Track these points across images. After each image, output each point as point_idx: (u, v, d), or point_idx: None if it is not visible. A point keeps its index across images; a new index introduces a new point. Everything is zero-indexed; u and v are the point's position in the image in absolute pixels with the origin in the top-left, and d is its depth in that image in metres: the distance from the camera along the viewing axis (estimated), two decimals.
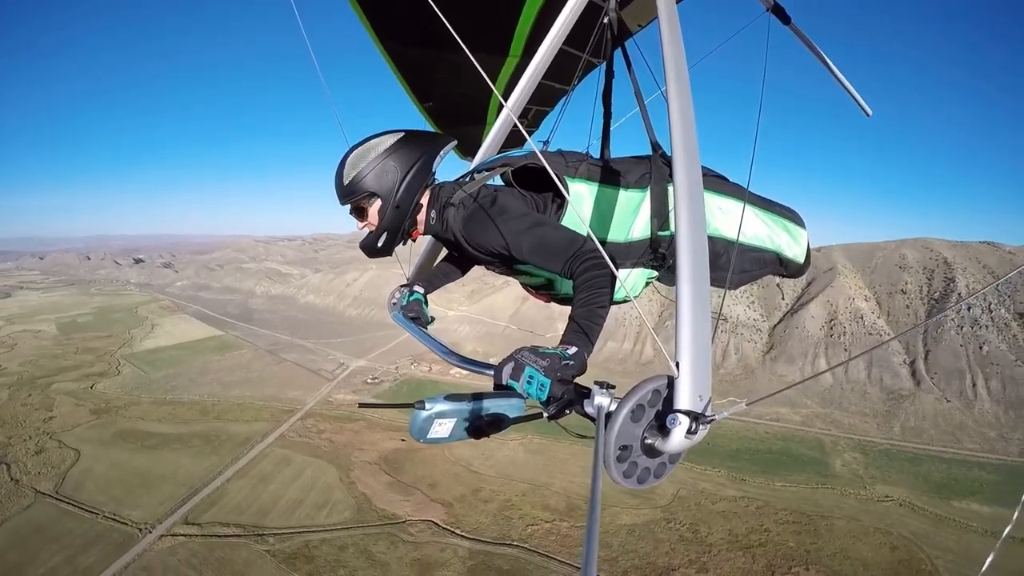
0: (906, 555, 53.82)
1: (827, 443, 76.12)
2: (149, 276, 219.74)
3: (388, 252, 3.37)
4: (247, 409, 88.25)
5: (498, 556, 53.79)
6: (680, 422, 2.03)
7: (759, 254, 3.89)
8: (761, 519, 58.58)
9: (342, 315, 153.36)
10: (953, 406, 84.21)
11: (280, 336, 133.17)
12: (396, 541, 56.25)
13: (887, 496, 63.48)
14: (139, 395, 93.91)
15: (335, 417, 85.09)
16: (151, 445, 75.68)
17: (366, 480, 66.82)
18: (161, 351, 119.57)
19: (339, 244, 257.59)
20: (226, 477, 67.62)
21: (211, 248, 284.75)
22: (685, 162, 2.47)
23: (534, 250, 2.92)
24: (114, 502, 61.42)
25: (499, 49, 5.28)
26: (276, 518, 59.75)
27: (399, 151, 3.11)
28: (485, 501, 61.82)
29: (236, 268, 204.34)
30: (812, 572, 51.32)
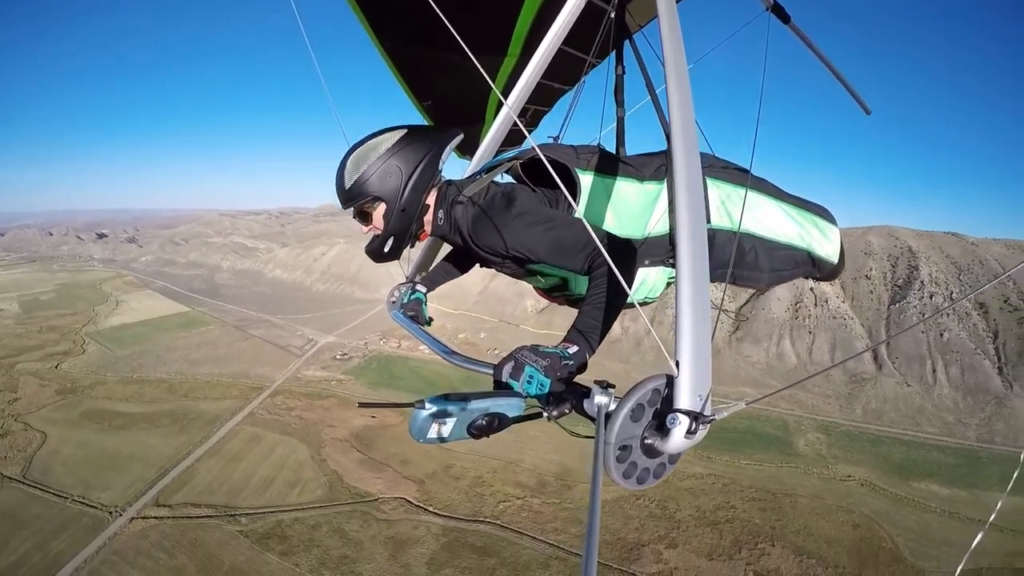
0: (867, 533, 55.56)
1: (791, 423, 77.76)
2: (113, 251, 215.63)
3: (395, 257, 3.29)
4: (215, 387, 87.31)
5: (471, 533, 54.26)
6: (680, 422, 2.02)
7: (790, 252, 3.75)
8: (728, 496, 59.95)
9: (310, 290, 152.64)
10: (913, 390, 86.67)
11: (247, 312, 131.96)
12: (369, 519, 56.33)
13: (849, 476, 65.33)
14: (105, 374, 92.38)
15: (305, 394, 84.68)
16: (119, 425, 74.47)
17: (337, 458, 66.71)
18: (127, 328, 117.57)
19: (306, 218, 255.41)
20: (196, 456, 66.91)
21: (176, 222, 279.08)
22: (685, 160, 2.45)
23: (551, 250, 2.85)
24: (83, 485, 60.42)
25: (498, 48, 5.23)
26: (248, 497, 59.37)
27: (402, 150, 2.98)
28: (456, 478, 62.12)
29: (202, 243, 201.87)
30: (778, 548, 52.77)
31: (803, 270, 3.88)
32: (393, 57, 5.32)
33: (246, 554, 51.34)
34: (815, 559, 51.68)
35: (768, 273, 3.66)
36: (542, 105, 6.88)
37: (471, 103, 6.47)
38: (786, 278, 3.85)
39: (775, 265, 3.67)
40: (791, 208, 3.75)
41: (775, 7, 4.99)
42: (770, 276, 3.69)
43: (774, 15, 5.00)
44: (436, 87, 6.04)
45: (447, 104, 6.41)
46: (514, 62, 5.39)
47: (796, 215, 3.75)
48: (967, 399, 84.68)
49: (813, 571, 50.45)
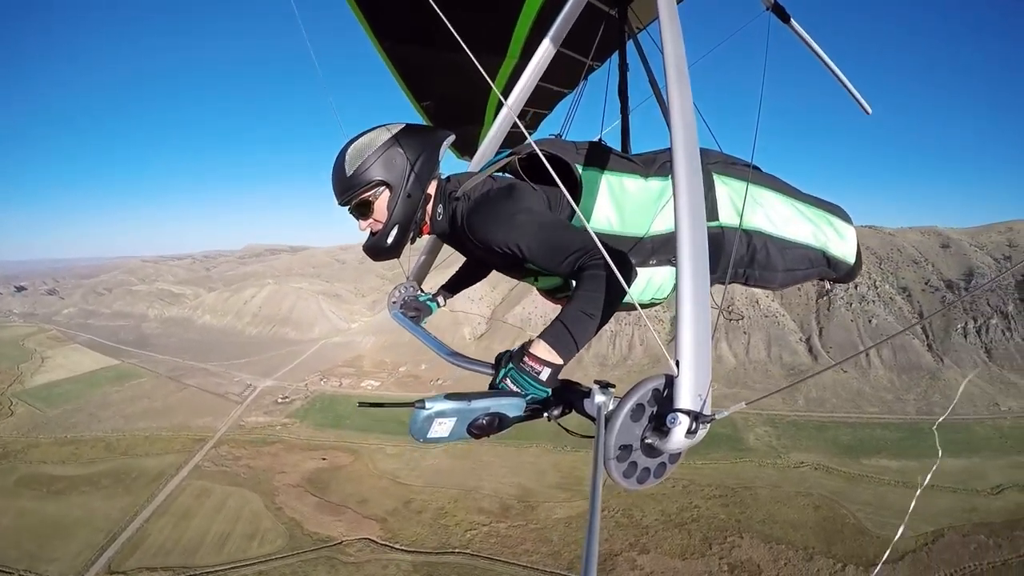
0: (829, 513, 57.99)
1: (738, 420, 79.59)
2: (33, 305, 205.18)
3: (397, 252, 3.17)
4: (155, 441, 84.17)
5: (442, 565, 53.87)
6: (680, 421, 1.98)
7: (804, 251, 3.65)
8: (689, 497, 61.24)
9: (242, 334, 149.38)
10: (850, 376, 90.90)
11: (180, 361, 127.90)
12: (336, 564, 55.29)
13: (802, 462, 67.95)
14: (37, 436, 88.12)
15: (250, 442, 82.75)
16: (58, 490, 71.05)
17: (293, 504, 65.22)
18: (55, 386, 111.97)
19: (231, 260, 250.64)
20: (144, 517, 64.24)
21: (97, 271, 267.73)
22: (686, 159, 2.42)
23: (538, 248, 2.78)
24: (28, 557, 57.48)
25: (498, 49, 5.21)
26: (205, 555, 57.55)
27: (404, 139, 2.96)
28: (418, 512, 61.60)
29: (126, 291, 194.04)
30: (746, 539, 54.52)
31: (818, 270, 3.83)
32: (392, 57, 5.35)
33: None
34: (784, 544, 53.63)
35: (782, 273, 3.60)
36: (542, 108, 6.92)
37: (471, 104, 6.48)
38: (800, 278, 3.80)
39: (788, 264, 3.61)
40: (804, 206, 3.71)
41: (775, 6, 5.02)
42: (784, 276, 3.63)
43: (774, 14, 5.04)
44: (436, 87, 6.05)
45: (447, 105, 6.41)
46: (514, 63, 5.39)
47: (810, 213, 3.71)
48: (902, 377, 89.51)
49: (784, 555, 52.33)
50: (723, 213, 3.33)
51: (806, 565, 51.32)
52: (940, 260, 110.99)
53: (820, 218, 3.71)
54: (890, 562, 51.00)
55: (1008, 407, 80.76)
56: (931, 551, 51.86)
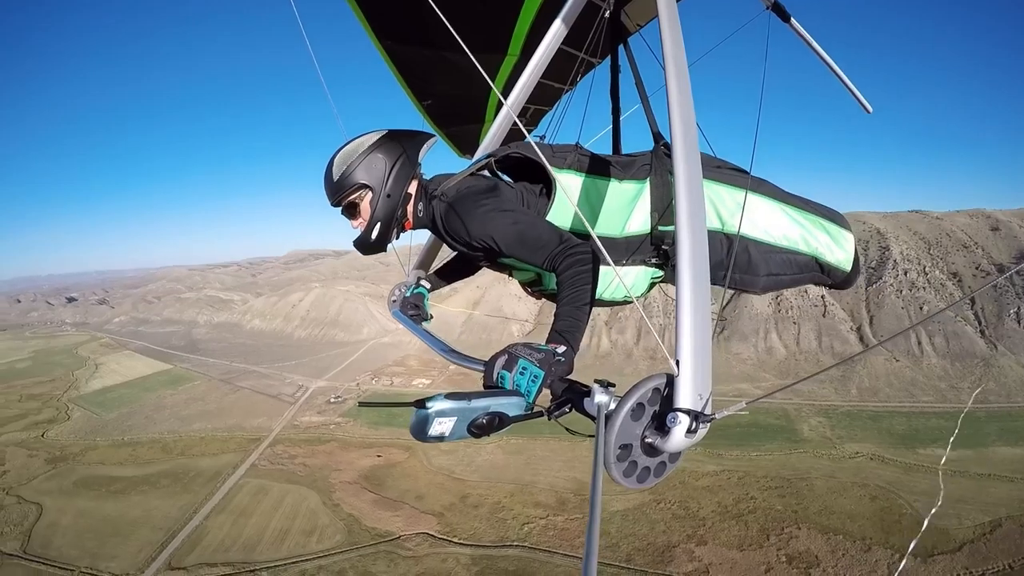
0: (886, 503, 57.06)
1: (791, 411, 79.36)
2: (85, 314, 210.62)
3: (382, 246, 3.31)
4: (211, 442, 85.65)
5: (500, 558, 54.01)
6: (680, 421, 2.04)
7: (790, 256, 3.60)
8: (745, 488, 60.90)
9: (291, 337, 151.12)
10: (903, 365, 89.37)
11: (232, 364, 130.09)
12: (395, 558, 55.67)
13: (857, 452, 66.99)
14: (95, 439, 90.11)
15: (305, 440, 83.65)
16: (117, 490, 72.40)
17: (350, 500, 65.72)
18: (110, 391, 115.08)
19: (276, 266, 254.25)
20: (203, 515, 65.26)
21: (145, 281, 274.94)
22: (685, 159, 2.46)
23: (514, 244, 2.89)
24: (89, 555, 58.55)
25: (498, 48, 5.26)
26: (265, 551, 58.14)
27: (384, 145, 3.15)
28: (475, 506, 61.75)
29: (175, 299, 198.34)
30: (804, 530, 53.91)
31: (809, 276, 3.76)
32: (393, 57, 5.40)
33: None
34: (842, 535, 52.90)
35: (764, 277, 3.55)
36: (543, 104, 6.86)
37: (471, 102, 6.55)
38: (787, 283, 3.72)
39: (772, 269, 3.57)
40: (794, 210, 3.65)
41: (775, 6, 5.01)
42: (766, 280, 3.58)
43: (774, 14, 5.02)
44: (436, 87, 6.11)
45: (447, 103, 6.49)
46: (514, 61, 5.45)
47: (800, 218, 3.65)
48: (955, 365, 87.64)
49: (842, 546, 51.62)
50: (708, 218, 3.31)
51: (864, 556, 50.58)
52: (990, 243, 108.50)
53: (813, 223, 3.68)
54: (948, 552, 49.97)
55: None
56: (989, 541, 50.98)
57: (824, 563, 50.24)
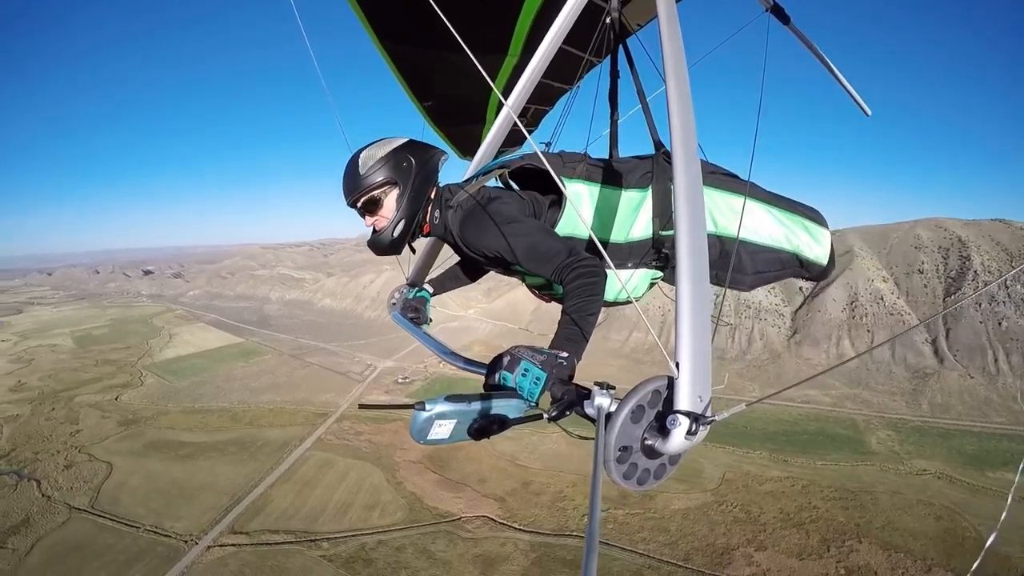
0: (950, 524, 55.38)
1: (860, 422, 77.62)
2: (160, 287, 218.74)
3: (399, 248, 3.38)
4: (279, 414, 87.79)
5: (559, 547, 54.19)
6: (680, 423, 2.06)
7: (776, 255, 3.79)
8: (808, 497, 59.85)
9: (361, 317, 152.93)
10: (977, 382, 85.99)
11: (302, 340, 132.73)
12: (454, 538, 56.30)
13: (924, 470, 65.07)
14: (166, 405, 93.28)
15: (371, 418, 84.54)
16: (185, 455, 74.94)
17: (413, 479, 66.47)
18: (183, 360, 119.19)
19: (348, 248, 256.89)
20: (268, 483, 66.78)
21: (219, 257, 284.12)
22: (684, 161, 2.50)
23: (525, 255, 2.97)
24: (154, 515, 60.42)
25: (498, 48, 5.25)
26: (327, 522, 59.17)
27: (411, 147, 3.26)
28: (537, 494, 62.02)
29: (248, 275, 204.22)
30: (865, 544, 52.78)
31: (790, 271, 3.92)
32: (394, 57, 5.40)
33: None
34: (903, 553, 51.60)
35: (751, 276, 3.73)
36: (543, 104, 6.93)
37: (472, 103, 6.54)
38: (770, 279, 3.91)
39: (758, 268, 3.75)
40: (778, 211, 3.82)
41: (775, 8, 5.04)
42: (753, 279, 3.77)
43: (774, 16, 5.05)
44: (437, 87, 6.11)
45: (448, 104, 6.48)
46: (515, 62, 5.44)
47: (784, 218, 3.82)
48: None
49: (903, 564, 50.30)
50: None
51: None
52: None
53: (795, 223, 3.85)
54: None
55: None
56: None
57: None
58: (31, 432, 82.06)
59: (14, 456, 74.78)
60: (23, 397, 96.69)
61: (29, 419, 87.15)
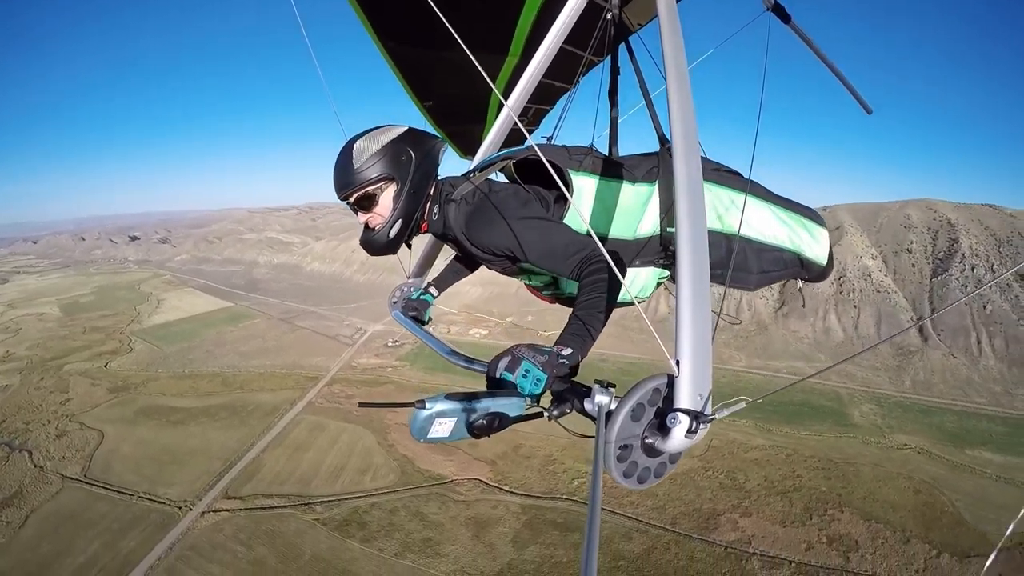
0: (928, 498, 56.94)
1: (844, 395, 78.94)
2: (147, 252, 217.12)
3: (396, 248, 3.25)
4: (270, 378, 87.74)
5: (549, 510, 55.02)
6: (680, 421, 2.05)
7: (779, 254, 3.76)
8: (792, 466, 61.07)
9: (350, 281, 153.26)
10: (960, 362, 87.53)
11: (291, 304, 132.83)
12: (447, 501, 56.88)
13: (905, 444, 66.46)
14: (156, 370, 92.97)
15: (362, 382, 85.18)
16: (176, 420, 74.71)
17: (405, 442, 66.51)
18: (171, 325, 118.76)
19: (336, 212, 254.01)
20: (261, 448, 66.91)
21: (207, 222, 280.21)
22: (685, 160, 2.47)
23: (541, 252, 2.89)
24: (147, 481, 60.29)
25: (499, 48, 5.22)
26: (320, 486, 59.52)
27: (409, 138, 3.08)
28: (527, 457, 62.55)
29: (236, 239, 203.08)
30: (846, 514, 54.20)
31: (792, 271, 3.91)
32: (394, 57, 5.36)
33: (326, 542, 51.44)
34: (883, 523, 53.08)
35: (756, 275, 3.68)
36: (544, 104, 6.88)
37: (473, 103, 6.47)
38: (774, 279, 3.86)
39: (764, 267, 3.70)
40: (781, 211, 3.80)
41: (775, 7, 4.98)
42: (758, 278, 3.71)
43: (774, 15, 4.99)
44: (438, 87, 6.06)
45: (449, 104, 6.42)
46: (516, 62, 5.42)
47: (786, 217, 3.80)
48: (1013, 370, 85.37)
49: (882, 535, 51.77)
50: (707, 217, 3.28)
51: (903, 547, 50.64)
52: None
53: (795, 222, 3.84)
54: (984, 555, 49.58)
55: None
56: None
57: (863, 548, 50.50)
58: (21, 402, 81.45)
59: (5, 427, 74.23)
60: (12, 367, 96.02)
61: (18, 389, 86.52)
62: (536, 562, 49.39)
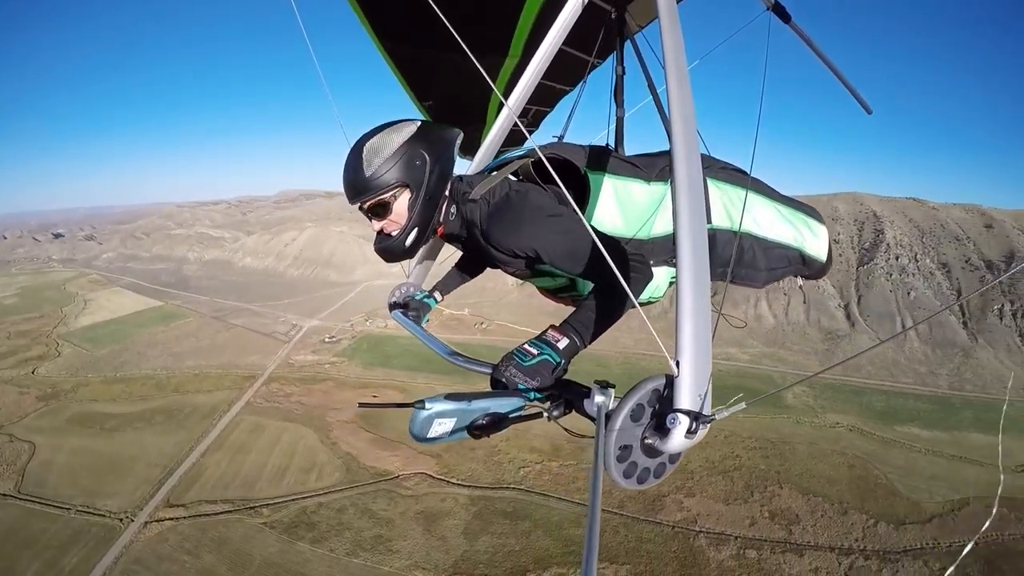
0: (862, 472, 60.01)
1: (776, 378, 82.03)
2: (72, 251, 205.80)
3: (413, 253, 3.14)
4: (205, 379, 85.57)
5: (498, 500, 55.40)
6: (680, 422, 2.01)
7: (784, 251, 3.77)
8: (731, 447, 63.07)
9: (284, 276, 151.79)
10: (886, 346, 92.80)
11: (223, 302, 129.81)
12: (395, 496, 56.59)
13: (837, 423, 69.72)
14: (86, 375, 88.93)
15: (300, 379, 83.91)
16: (111, 427, 71.66)
17: (348, 439, 66.20)
18: (100, 327, 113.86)
19: (267, 205, 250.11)
20: (200, 452, 64.99)
21: (134, 217, 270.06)
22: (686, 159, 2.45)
23: (563, 252, 2.81)
24: (85, 493, 57.63)
25: (499, 49, 5.19)
26: (264, 488, 58.25)
27: (423, 138, 2.90)
28: (471, 449, 62.36)
29: (164, 235, 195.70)
30: (785, 489, 56.64)
31: (794, 268, 3.92)
32: (394, 57, 5.33)
33: (276, 546, 50.37)
34: (820, 497, 55.70)
35: (765, 272, 3.70)
36: (543, 106, 6.93)
37: (473, 103, 6.42)
38: (779, 276, 3.88)
39: (771, 264, 3.71)
40: (785, 209, 3.83)
41: (776, 6, 4.97)
42: (767, 275, 3.73)
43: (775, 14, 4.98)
44: (437, 87, 6.03)
45: (448, 104, 6.39)
46: (515, 62, 5.38)
47: (790, 215, 3.82)
48: (936, 352, 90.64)
49: (821, 508, 54.28)
50: (716, 215, 3.45)
51: (841, 518, 53.17)
52: (982, 239, 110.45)
53: (798, 220, 3.87)
54: (919, 523, 52.82)
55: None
56: (956, 517, 53.80)
57: (804, 521, 52.76)
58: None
59: None
60: None
61: None
62: (489, 552, 49.61)
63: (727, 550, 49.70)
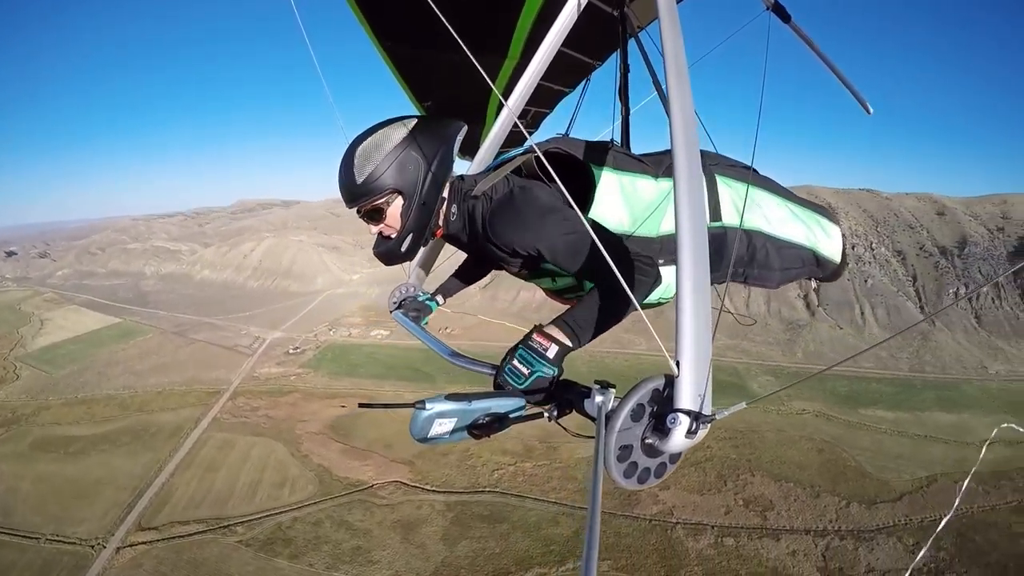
0: (831, 456, 61.98)
1: (741, 369, 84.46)
2: (25, 269, 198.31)
3: (412, 256, 3.09)
4: (169, 396, 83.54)
5: (474, 504, 55.40)
6: (680, 422, 2.02)
7: (798, 251, 3.72)
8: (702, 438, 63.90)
9: (244, 288, 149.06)
10: (846, 332, 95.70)
11: (184, 316, 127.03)
12: (370, 506, 56.18)
13: (804, 410, 71.51)
14: (47, 398, 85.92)
15: (266, 392, 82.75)
16: (76, 451, 69.41)
17: (319, 451, 65.66)
18: (58, 347, 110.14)
19: (223, 216, 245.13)
20: (169, 472, 63.37)
21: (87, 232, 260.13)
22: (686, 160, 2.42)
23: (568, 251, 2.76)
24: (54, 521, 55.58)
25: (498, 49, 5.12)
26: (237, 505, 57.28)
27: (418, 139, 2.82)
28: (444, 454, 62.16)
29: (120, 250, 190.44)
30: (757, 477, 58.11)
31: (808, 269, 3.86)
32: (393, 57, 5.28)
33: (253, 563, 49.51)
34: (792, 482, 57.31)
35: (779, 272, 3.65)
36: (543, 107, 6.91)
37: (472, 104, 6.29)
38: (793, 277, 3.82)
39: (785, 264, 3.66)
40: (797, 207, 3.78)
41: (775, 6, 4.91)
42: (781, 275, 3.68)
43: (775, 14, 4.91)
44: (436, 87, 5.94)
45: (448, 104, 6.27)
46: (515, 63, 5.31)
47: (802, 214, 3.77)
48: (895, 336, 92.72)
49: (793, 492, 55.87)
50: (725, 214, 3.40)
51: (814, 501, 54.69)
52: (935, 227, 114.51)
53: (811, 219, 3.82)
54: (889, 501, 54.71)
55: (995, 371, 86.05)
56: (926, 494, 55.75)
57: (778, 507, 54.13)
58: None
59: None
60: None
61: None
62: (470, 556, 49.58)
63: (705, 539, 50.61)
